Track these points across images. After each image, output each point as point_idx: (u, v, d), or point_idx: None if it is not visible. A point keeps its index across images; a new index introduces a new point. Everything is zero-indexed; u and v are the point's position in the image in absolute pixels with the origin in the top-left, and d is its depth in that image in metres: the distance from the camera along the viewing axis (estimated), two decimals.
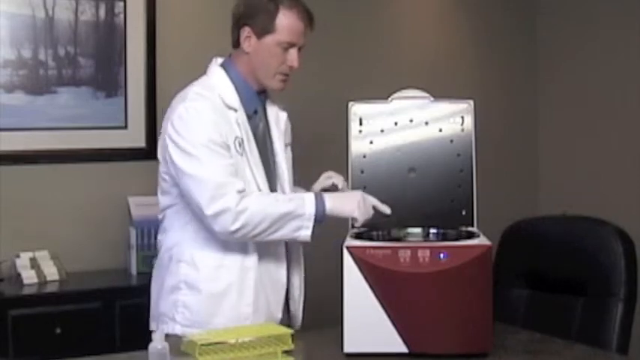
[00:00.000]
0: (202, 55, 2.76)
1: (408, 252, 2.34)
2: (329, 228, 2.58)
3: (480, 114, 4.68)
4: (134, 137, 3.76)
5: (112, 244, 3.69)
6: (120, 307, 3.36)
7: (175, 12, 3.87)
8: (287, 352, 2.31)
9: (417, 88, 2.82)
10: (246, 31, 2.60)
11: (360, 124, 2.72)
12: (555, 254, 2.95)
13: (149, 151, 3.64)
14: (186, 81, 2.67)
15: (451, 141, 2.70)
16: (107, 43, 3.74)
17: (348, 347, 2.36)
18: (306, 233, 2.53)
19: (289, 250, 2.70)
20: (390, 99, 2.75)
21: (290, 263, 2.71)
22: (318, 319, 2.68)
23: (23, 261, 3.47)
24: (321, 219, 2.55)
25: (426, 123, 2.71)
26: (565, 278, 2.91)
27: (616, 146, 4.42)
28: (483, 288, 2.35)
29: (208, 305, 2.56)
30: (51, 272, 3.46)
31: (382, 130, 2.72)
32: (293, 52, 2.61)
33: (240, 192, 2.48)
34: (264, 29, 2.59)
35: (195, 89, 2.61)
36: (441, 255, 2.33)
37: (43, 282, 3.43)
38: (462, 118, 2.71)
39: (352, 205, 2.55)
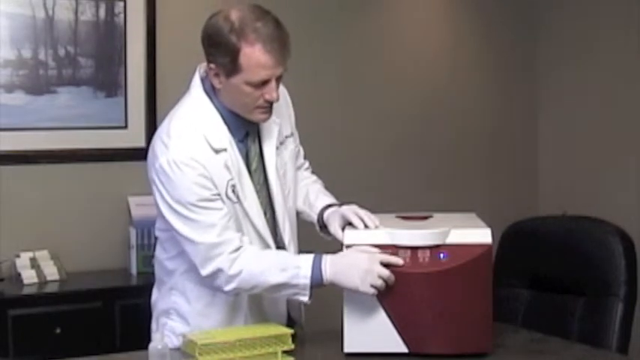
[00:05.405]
0: (202, 56, 2.74)
1: (408, 252, 2.33)
2: None
3: (480, 114, 4.71)
4: (134, 137, 3.76)
5: (112, 244, 3.69)
6: (120, 307, 3.37)
7: (175, 12, 3.87)
8: (287, 352, 2.31)
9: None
10: (213, 69, 2.35)
11: None
12: (555, 254, 2.95)
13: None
14: (186, 81, 2.64)
15: None
16: (107, 43, 3.74)
17: (348, 347, 2.36)
18: (304, 299, 2.38)
19: None
20: (383, 230, 2.39)
21: None
22: (318, 319, 2.67)
23: (23, 261, 3.47)
24: (320, 286, 2.35)
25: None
26: (565, 278, 2.91)
27: (616, 146, 4.42)
28: (483, 288, 2.35)
29: None
30: (51, 272, 3.46)
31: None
32: (269, 87, 2.32)
33: (234, 251, 2.35)
34: (229, 70, 2.31)
35: (177, 128, 2.38)
36: (441, 255, 2.33)
37: (43, 282, 3.43)
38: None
39: (355, 279, 2.30)
